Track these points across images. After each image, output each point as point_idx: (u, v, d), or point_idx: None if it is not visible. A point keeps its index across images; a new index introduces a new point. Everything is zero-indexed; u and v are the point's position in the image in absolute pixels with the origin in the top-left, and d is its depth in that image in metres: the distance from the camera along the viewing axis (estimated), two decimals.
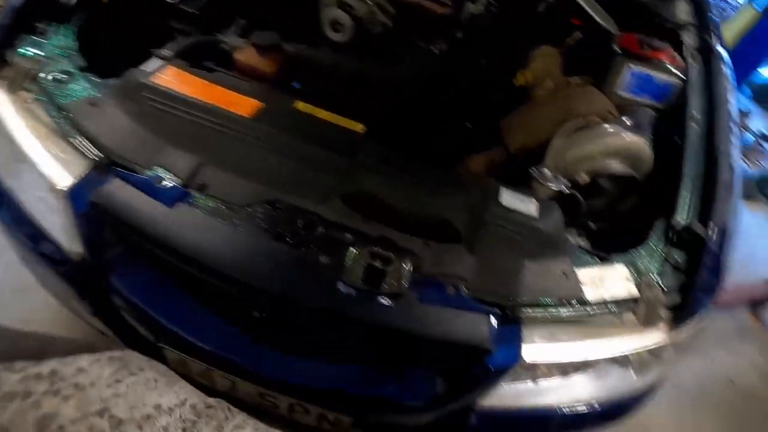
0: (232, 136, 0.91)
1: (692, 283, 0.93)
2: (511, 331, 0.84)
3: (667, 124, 1.26)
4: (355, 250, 0.84)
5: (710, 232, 0.97)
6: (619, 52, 1.33)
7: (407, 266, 0.84)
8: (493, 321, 0.82)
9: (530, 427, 0.96)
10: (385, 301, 0.81)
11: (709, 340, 2.15)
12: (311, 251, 0.83)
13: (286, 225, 0.85)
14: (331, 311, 0.81)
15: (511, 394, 0.91)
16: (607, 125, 1.07)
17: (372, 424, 0.94)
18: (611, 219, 1.17)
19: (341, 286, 0.80)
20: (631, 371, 0.96)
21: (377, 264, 0.84)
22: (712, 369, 2.05)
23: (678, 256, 0.98)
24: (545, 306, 0.85)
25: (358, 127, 1.03)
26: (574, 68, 1.37)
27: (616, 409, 1.01)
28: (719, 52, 1.40)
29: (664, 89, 1.32)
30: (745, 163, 3.25)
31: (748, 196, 3.03)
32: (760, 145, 3.44)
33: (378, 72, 1.25)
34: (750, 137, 3.44)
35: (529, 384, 0.90)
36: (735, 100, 1.31)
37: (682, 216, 1.02)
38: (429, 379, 0.87)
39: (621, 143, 1.04)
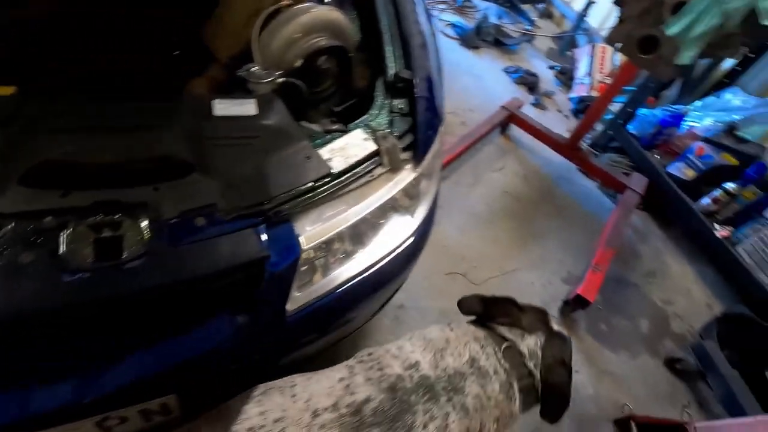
0: None
1: (417, 122, 1.06)
2: (282, 230, 0.85)
3: None
4: (68, 231, 0.70)
5: (415, 77, 1.09)
6: None
7: (143, 220, 0.74)
8: (260, 229, 0.81)
9: (347, 299, 1.02)
10: (132, 265, 0.71)
11: (481, 168, 2.64)
12: (4, 256, 0.65)
13: None
14: (68, 306, 0.68)
15: (317, 287, 0.94)
16: (299, 5, 1.06)
17: (197, 388, 0.88)
18: (348, 96, 1.23)
19: (66, 276, 0.67)
20: (404, 214, 1.08)
21: (106, 233, 0.72)
22: (490, 188, 2.54)
23: (400, 104, 1.09)
24: (302, 193, 0.87)
25: (8, 90, 0.81)
26: None
27: (413, 246, 1.14)
28: None
29: None
30: (463, 19, 3.81)
31: (474, 47, 3.60)
32: (468, 1, 4.05)
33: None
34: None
35: (325, 265, 0.94)
36: None
37: (392, 68, 1.12)
38: (227, 315, 0.83)
39: (316, 18, 1.05)
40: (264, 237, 0.81)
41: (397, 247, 1.08)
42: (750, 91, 2.60)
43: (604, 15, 3.68)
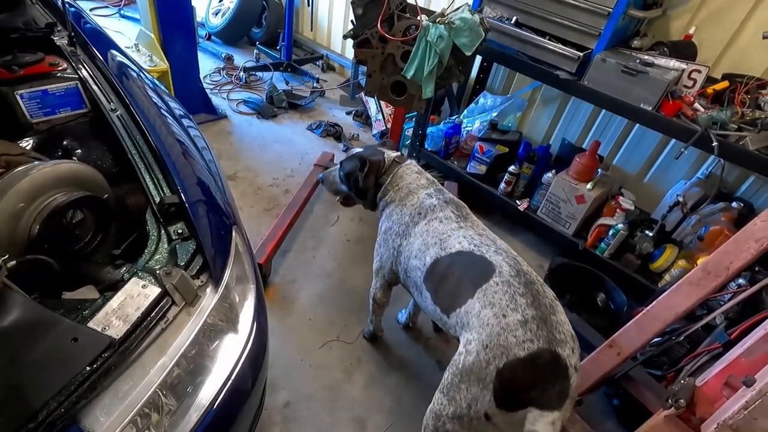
0: None
1: (202, 240, 1.01)
2: None
3: (99, 124, 1.24)
4: None
5: (180, 194, 1.05)
6: None
7: None
8: None
9: None
10: None
11: (317, 226, 2.68)
12: None
13: None
14: None
15: None
16: (13, 171, 0.93)
17: None
18: (122, 230, 1.12)
19: None
20: (227, 333, 1.01)
21: None
22: (332, 244, 2.59)
23: (178, 228, 1.03)
24: (81, 383, 0.74)
25: None
26: None
27: (253, 355, 1.06)
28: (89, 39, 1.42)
29: (71, 96, 1.27)
30: (253, 93, 3.90)
31: (273, 116, 3.71)
32: (253, 74, 4.17)
33: None
34: (242, 74, 4.10)
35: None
36: (138, 77, 1.40)
37: (155, 195, 1.06)
38: None
39: (39, 179, 0.93)
40: None
41: (234, 369, 1.00)
42: (495, 91, 3.22)
43: None
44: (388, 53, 1.75)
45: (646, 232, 2.40)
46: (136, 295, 0.88)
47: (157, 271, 0.92)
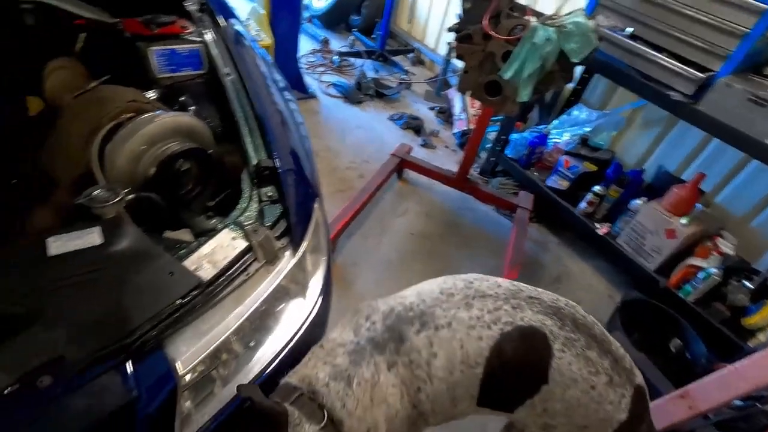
0: None
1: (288, 206, 1.06)
2: (152, 361, 0.78)
3: (213, 86, 1.34)
4: None
5: (278, 161, 1.11)
6: (133, 38, 1.30)
7: None
8: (122, 369, 0.74)
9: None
10: None
11: (386, 216, 2.72)
12: None
13: None
14: None
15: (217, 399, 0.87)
16: (140, 117, 1.03)
17: None
18: (222, 187, 1.21)
19: None
20: (298, 297, 1.06)
21: None
22: (397, 234, 2.61)
23: (269, 191, 1.09)
24: (170, 314, 0.81)
25: None
26: (98, 70, 1.27)
27: (312, 325, 1.11)
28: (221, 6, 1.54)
29: (194, 57, 1.38)
30: (343, 78, 4.02)
31: (358, 102, 3.79)
32: (345, 59, 4.30)
33: None
34: (336, 58, 4.23)
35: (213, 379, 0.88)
36: (252, 50, 1.49)
37: (254, 158, 1.13)
38: None
39: (162, 127, 1.03)
40: (129, 377, 0.73)
41: (296, 333, 1.05)
42: (592, 105, 3.03)
43: None
44: (488, 51, 1.71)
45: (744, 282, 2.14)
46: (226, 245, 0.95)
47: (246, 227, 0.98)
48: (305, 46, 4.36)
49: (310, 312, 1.10)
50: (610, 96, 2.97)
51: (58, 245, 0.79)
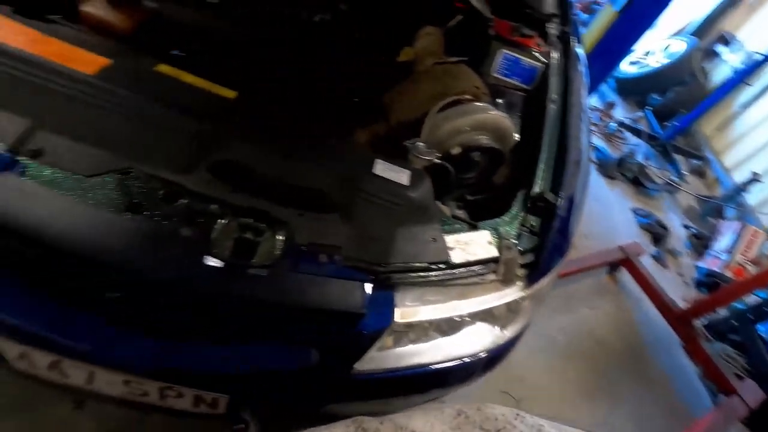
0: (72, 96, 0.79)
1: (544, 245, 1.05)
2: (384, 295, 0.88)
3: (531, 104, 1.40)
4: (223, 222, 0.80)
5: (559, 201, 1.10)
6: (494, 36, 1.44)
7: (280, 237, 0.82)
8: (367, 287, 0.85)
9: (407, 383, 1.01)
10: (256, 272, 0.79)
11: (574, 298, 2.48)
12: (171, 224, 0.77)
13: (142, 196, 0.78)
14: (197, 286, 0.77)
15: (387, 355, 0.95)
16: (477, 103, 1.15)
17: (249, 399, 0.92)
18: (483, 189, 1.27)
19: (208, 260, 0.76)
20: (495, 325, 1.06)
21: (248, 236, 0.81)
22: (576, 323, 2.36)
23: (533, 221, 1.10)
24: (415, 270, 0.90)
25: (230, 93, 0.97)
26: (453, 49, 1.45)
27: (489, 359, 1.10)
28: (575, 43, 1.57)
29: (530, 72, 1.45)
30: (608, 147, 3.75)
31: (609, 176, 3.50)
32: (621, 131, 3.99)
33: (249, 34, 1.18)
34: (613, 125, 3.96)
35: (404, 343, 0.95)
36: (585, 90, 1.49)
37: (538, 186, 1.14)
38: (304, 347, 0.87)
39: (488, 119, 1.13)
40: (367, 295, 0.85)
41: (478, 354, 1.05)
42: None
43: (767, 196, 3.37)
44: None
45: None
46: (481, 243, 0.99)
47: (504, 240, 1.01)
48: (590, 99, 4.21)
49: (496, 345, 1.09)
50: None
51: (381, 168, 0.95)
